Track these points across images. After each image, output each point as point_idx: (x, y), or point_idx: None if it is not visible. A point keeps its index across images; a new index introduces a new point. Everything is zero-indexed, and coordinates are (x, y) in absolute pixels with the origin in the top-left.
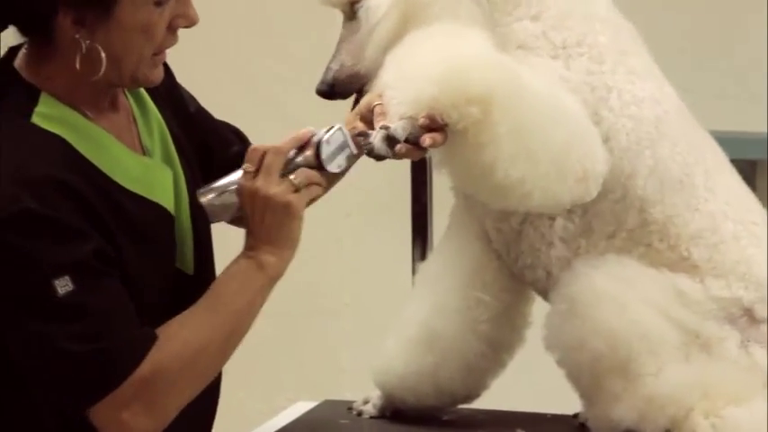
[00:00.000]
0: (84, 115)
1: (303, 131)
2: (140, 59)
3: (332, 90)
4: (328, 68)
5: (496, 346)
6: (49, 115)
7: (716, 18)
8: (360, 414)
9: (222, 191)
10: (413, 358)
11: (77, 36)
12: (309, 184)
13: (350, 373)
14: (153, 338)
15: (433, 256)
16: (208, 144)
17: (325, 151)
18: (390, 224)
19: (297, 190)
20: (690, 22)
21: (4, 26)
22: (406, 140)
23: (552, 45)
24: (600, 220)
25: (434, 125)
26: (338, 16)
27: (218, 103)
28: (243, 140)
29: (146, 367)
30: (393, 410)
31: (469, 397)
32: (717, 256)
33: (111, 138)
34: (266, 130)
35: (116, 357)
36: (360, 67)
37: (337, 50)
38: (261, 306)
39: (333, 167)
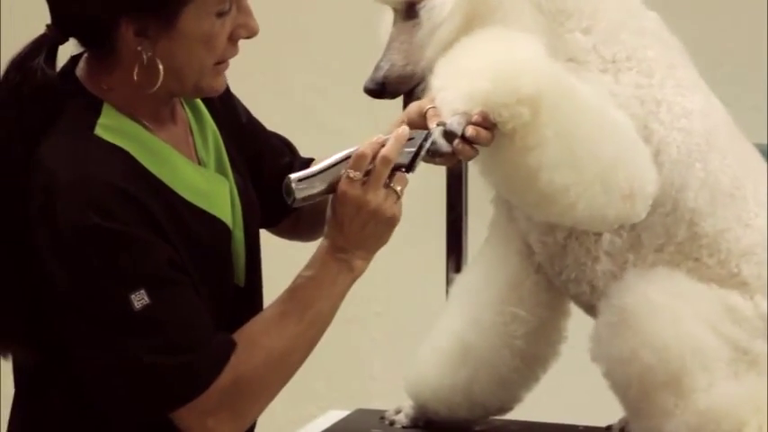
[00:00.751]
0: (145, 127)
1: (402, 132)
2: (202, 70)
3: (382, 89)
4: (378, 67)
5: (531, 361)
6: (111, 127)
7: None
8: (392, 424)
9: (315, 181)
10: (446, 371)
11: (139, 48)
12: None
13: (380, 382)
14: (232, 346)
15: (469, 269)
16: (259, 154)
17: (419, 158)
18: (424, 233)
19: (398, 198)
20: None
21: (65, 39)
22: (462, 136)
23: (602, 59)
24: (650, 233)
25: (486, 124)
26: (376, 23)
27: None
28: (293, 151)
29: (228, 376)
30: (425, 421)
31: (502, 409)
32: (766, 273)
33: (172, 149)
34: (300, 140)
35: (197, 369)
36: (412, 68)
37: (388, 49)
38: (340, 304)
39: (414, 171)
